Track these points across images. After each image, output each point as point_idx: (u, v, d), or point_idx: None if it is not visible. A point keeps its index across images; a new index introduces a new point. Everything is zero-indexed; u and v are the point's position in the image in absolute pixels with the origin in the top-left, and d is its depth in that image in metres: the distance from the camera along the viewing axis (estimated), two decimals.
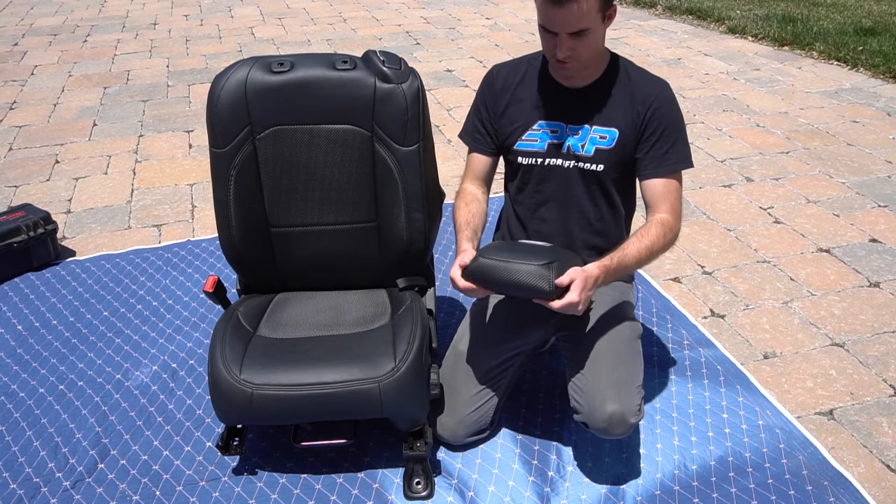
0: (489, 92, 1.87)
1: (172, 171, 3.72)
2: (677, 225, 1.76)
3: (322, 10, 7.32)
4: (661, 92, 1.74)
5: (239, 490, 1.82)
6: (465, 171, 1.94)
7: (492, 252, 1.65)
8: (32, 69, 5.50)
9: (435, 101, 4.63)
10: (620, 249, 1.68)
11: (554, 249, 1.69)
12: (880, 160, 3.70)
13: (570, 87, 1.77)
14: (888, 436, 2.00)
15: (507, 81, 1.84)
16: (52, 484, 1.85)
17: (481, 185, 1.92)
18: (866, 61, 5.17)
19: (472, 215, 1.82)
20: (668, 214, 1.74)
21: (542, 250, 1.67)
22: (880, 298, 2.60)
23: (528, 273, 1.58)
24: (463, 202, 1.87)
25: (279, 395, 1.63)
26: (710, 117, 4.31)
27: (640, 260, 1.69)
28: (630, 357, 1.77)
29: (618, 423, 1.67)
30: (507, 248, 1.68)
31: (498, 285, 1.63)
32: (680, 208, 1.77)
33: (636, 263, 1.69)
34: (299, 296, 1.98)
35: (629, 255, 1.67)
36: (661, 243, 1.71)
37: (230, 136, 1.82)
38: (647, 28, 6.43)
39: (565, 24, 1.58)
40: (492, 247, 1.69)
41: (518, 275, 1.59)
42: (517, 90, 1.83)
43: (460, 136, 1.96)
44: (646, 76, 1.78)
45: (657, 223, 1.73)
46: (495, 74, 1.87)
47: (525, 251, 1.66)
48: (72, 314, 2.53)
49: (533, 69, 1.83)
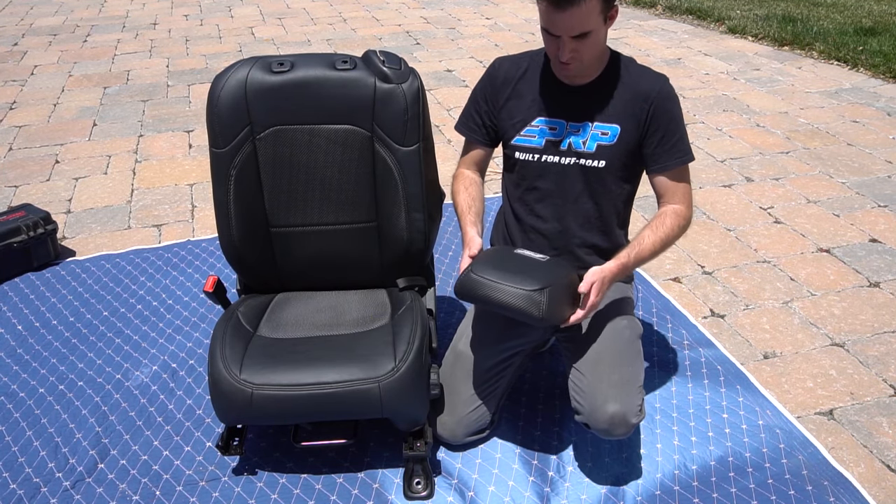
0: (490, 84, 1.87)
1: (172, 171, 3.72)
2: (690, 213, 1.82)
3: (322, 10, 7.32)
4: (662, 87, 1.76)
5: (239, 490, 1.82)
6: (461, 158, 1.96)
7: (484, 268, 1.62)
8: (32, 69, 5.50)
9: (435, 101, 4.63)
10: (636, 243, 1.73)
11: (549, 266, 1.66)
12: (880, 160, 3.70)
13: (571, 84, 1.78)
14: (888, 436, 2.00)
15: (508, 75, 1.84)
16: (52, 484, 1.85)
17: (476, 172, 1.95)
18: (866, 61, 5.17)
19: (473, 199, 1.85)
20: (681, 204, 1.80)
21: (536, 267, 1.64)
22: (880, 298, 2.60)
23: (519, 297, 1.57)
24: (462, 185, 1.88)
25: (279, 395, 1.63)
26: (710, 117, 4.31)
27: (655, 252, 1.75)
28: (631, 357, 1.78)
29: (619, 423, 1.67)
30: (500, 263, 1.65)
31: (487, 304, 1.61)
32: (691, 196, 1.83)
33: (651, 256, 1.75)
34: (299, 296, 1.98)
35: (645, 248, 1.73)
36: (676, 233, 1.77)
37: (230, 136, 1.82)
38: (647, 28, 6.43)
39: (567, 28, 1.59)
40: (484, 260, 1.66)
41: (508, 297, 1.57)
42: (518, 85, 1.83)
43: (456, 128, 1.96)
44: (645, 72, 1.79)
45: (672, 213, 1.78)
46: (497, 67, 1.87)
47: (518, 269, 1.62)
48: (72, 314, 2.53)
49: (535, 65, 1.83)
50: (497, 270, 1.62)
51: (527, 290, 1.57)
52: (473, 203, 1.84)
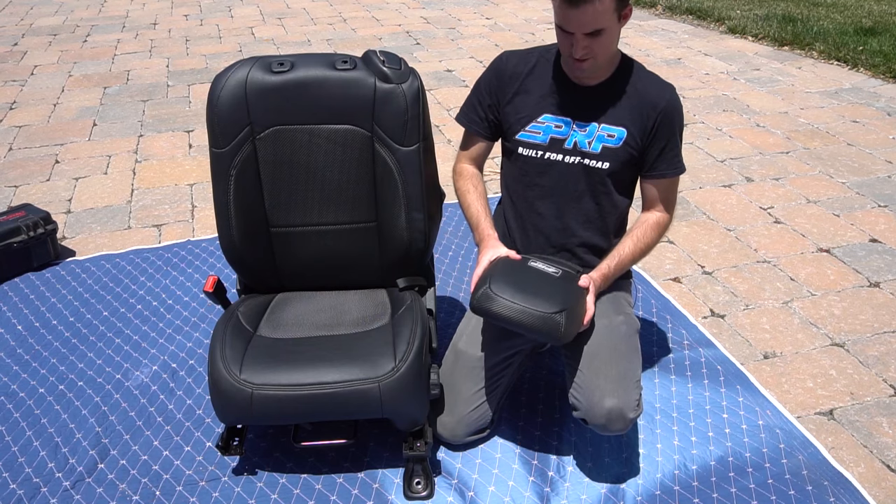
0: (496, 78, 1.86)
1: (172, 171, 3.72)
2: (671, 216, 1.89)
3: (322, 10, 7.32)
4: (670, 97, 1.78)
5: (239, 490, 1.82)
6: (460, 151, 1.96)
7: (502, 287, 1.64)
8: (32, 69, 5.50)
9: (435, 101, 4.63)
10: (616, 253, 1.82)
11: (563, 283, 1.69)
12: (880, 160, 3.70)
13: (580, 84, 1.78)
14: (888, 436, 2.00)
15: (516, 70, 1.84)
16: (52, 484, 1.85)
17: (476, 166, 1.97)
18: (866, 61, 5.17)
19: (480, 195, 1.91)
20: (664, 213, 1.87)
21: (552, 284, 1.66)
22: (880, 298, 2.60)
23: (539, 319, 1.59)
24: (470, 184, 1.92)
25: (279, 395, 1.63)
26: (710, 117, 4.31)
27: (636, 259, 1.85)
28: (628, 352, 1.78)
29: (617, 418, 1.67)
30: (518, 281, 1.66)
31: (506, 324, 1.63)
32: (675, 200, 1.91)
33: (632, 263, 1.86)
34: (299, 296, 1.98)
35: (625, 258, 1.83)
36: (656, 241, 1.87)
37: (230, 136, 1.82)
38: (647, 28, 6.43)
39: (582, 25, 1.60)
40: (501, 276, 1.67)
41: (529, 319, 1.60)
42: (526, 80, 1.83)
43: (457, 119, 1.96)
44: (655, 80, 1.80)
45: (654, 225, 1.85)
46: (505, 61, 1.86)
47: (536, 288, 1.64)
48: (72, 314, 2.53)
49: (545, 62, 1.83)
50: (515, 289, 1.64)
51: (547, 312, 1.59)
52: (485, 204, 1.90)
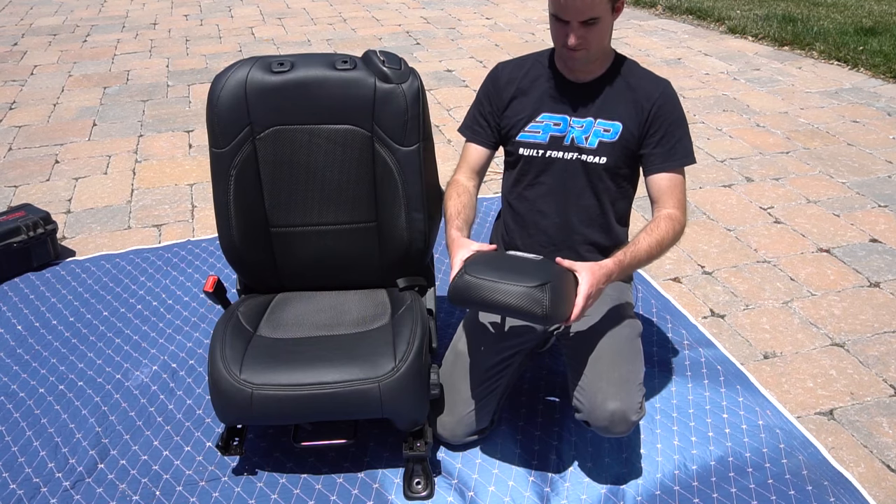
0: (493, 87, 1.88)
1: (172, 171, 3.72)
2: (684, 218, 1.80)
3: (322, 10, 7.32)
4: (664, 90, 1.78)
5: (239, 490, 1.82)
6: (460, 162, 1.95)
7: (478, 269, 1.52)
8: (32, 69, 5.50)
9: (435, 101, 4.63)
10: (633, 244, 1.71)
11: (545, 264, 1.57)
12: (880, 160, 3.70)
13: (575, 81, 1.79)
14: (888, 436, 2.00)
15: (512, 75, 1.87)
16: (52, 484, 1.85)
17: (474, 178, 1.93)
18: (866, 61, 5.17)
19: (463, 206, 1.82)
20: (675, 209, 1.78)
21: (532, 265, 1.55)
22: (880, 298, 2.60)
23: (520, 295, 1.46)
24: (455, 192, 1.86)
25: (279, 395, 1.63)
26: (710, 117, 4.31)
27: (651, 255, 1.72)
28: (631, 355, 1.78)
29: (619, 420, 1.67)
30: (495, 263, 1.55)
31: (486, 307, 1.50)
32: (685, 201, 1.82)
33: (647, 258, 1.72)
34: (299, 296, 1.98)
35: (641, 249, 1.70)
36: (671, 237, 1.75)
37: (230, 136, 1.82)
38: (647, 28, 6.43)
39: (577, 13, 1.62)
40: (477, 262, 1.56)
41: (509, 297, 1.47)
42: (522, 83, 1.85)
43: (459, 130, 1.97)
44: (648, 75, 1.81)
45: (666, 218, 1.76)
46: (500, 70, 1.89)
47: (515, 268, 1.52)
48: (72, 314, 2.53)
49: (539, 65, 1.86)
50: (492, 270, 1.53)
51: (528, 286, 1.47)
52: (463, 210, 1.80)
